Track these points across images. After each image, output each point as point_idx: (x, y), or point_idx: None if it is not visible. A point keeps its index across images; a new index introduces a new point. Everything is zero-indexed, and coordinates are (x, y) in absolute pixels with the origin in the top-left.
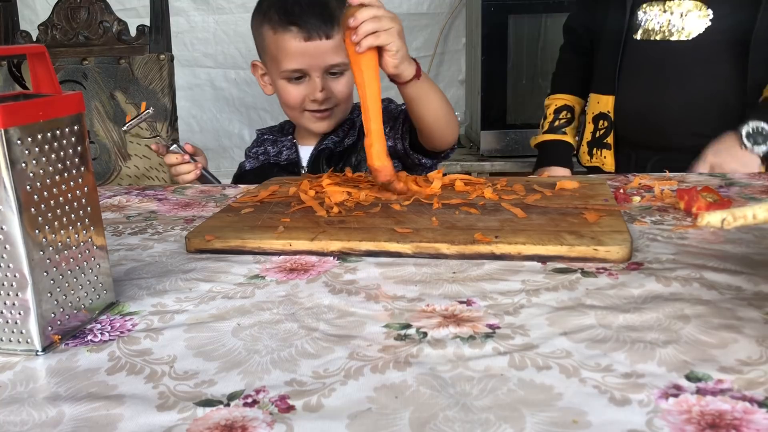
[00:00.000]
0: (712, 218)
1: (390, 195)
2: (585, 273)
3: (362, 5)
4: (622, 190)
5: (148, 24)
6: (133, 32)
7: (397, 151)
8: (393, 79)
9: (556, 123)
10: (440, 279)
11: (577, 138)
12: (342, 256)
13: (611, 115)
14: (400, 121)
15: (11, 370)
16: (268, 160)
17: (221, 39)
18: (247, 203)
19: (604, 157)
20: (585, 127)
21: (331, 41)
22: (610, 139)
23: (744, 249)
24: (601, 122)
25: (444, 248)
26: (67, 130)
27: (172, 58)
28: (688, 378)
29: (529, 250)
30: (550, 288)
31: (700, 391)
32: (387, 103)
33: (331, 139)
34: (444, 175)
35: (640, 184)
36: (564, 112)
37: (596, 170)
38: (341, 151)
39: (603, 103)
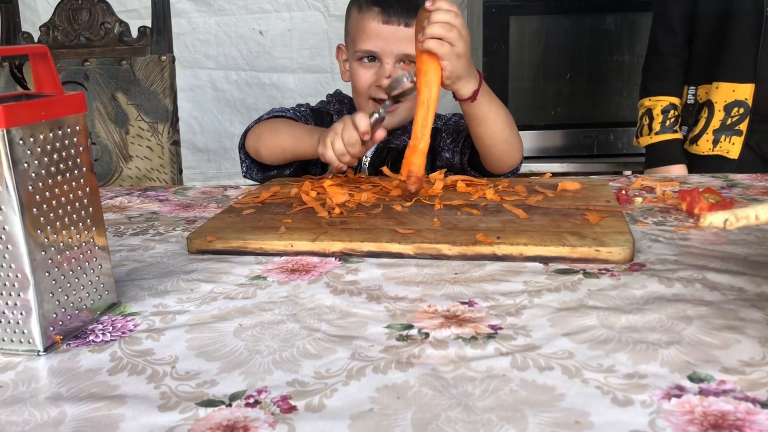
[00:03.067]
0: (715, 219)
1: (394, 195)
2: (587, 274)
3: (438, 8)
4: (624, 191)
5: (149, 25)
6: (134, 33)
7: (454, 164)
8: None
9: (667, 123)
10: (442, 280)
11: (683, 129)
12: (344, 256)
13: (749, 101)
14: (463, 134)
15: (13, 370)
16: None
17: (223, 40)
18: (249, 204)
19: (732, 144)
20: (713, 115)
21: (409, 29)
22: (743, 126)
23: (746, 250)
24: (735, 110)
25: (446, 249)
26: (69, 130)
27: (173, 60)
28: (691, 379)
29: (531, 251)
30: (552, 289)
31: (702, 392)
32: (458, 119)
33: (403, 141)
34: (446, 176)
35: (642, 185)
36: (672, 111)
37: (714, 159)
38: None
39: (740, 91)
